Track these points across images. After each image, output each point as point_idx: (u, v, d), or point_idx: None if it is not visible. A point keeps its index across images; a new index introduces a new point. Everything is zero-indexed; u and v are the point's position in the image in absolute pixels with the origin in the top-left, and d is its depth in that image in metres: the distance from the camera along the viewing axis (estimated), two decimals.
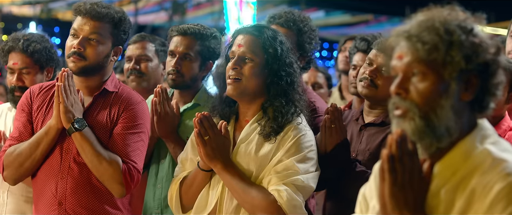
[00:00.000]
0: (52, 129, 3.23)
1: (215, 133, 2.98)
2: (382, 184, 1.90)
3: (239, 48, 3.07)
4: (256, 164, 3.01)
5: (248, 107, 3.13)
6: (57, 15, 20.08)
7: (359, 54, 4.29)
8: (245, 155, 3.03)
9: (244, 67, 3.04)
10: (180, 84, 3.72)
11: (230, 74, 3.06)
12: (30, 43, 3.83)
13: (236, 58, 3.06)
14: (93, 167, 3.20)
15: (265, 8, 16.55)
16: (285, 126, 3.02)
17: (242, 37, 3.09)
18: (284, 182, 2.92)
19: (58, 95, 3.18)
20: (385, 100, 3.34)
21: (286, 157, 2.97)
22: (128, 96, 3.35)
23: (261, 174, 3.00)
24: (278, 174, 2.94)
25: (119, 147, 3.25)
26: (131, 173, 3.22)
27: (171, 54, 3.74)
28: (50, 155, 3.28)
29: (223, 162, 2.98)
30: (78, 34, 3.29)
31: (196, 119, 2.98)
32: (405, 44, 1.93)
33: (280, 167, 2.96)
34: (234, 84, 3.04)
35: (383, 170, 1.89)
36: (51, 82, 3.48)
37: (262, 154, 3.01)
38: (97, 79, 3.36)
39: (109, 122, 3.29)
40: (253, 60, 3.05)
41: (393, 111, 1.96)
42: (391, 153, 1.87)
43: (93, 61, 3.29)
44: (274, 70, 3.05)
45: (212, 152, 2.97)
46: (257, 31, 3.09)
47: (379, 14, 19.28)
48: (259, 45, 3.06)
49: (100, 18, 3.29)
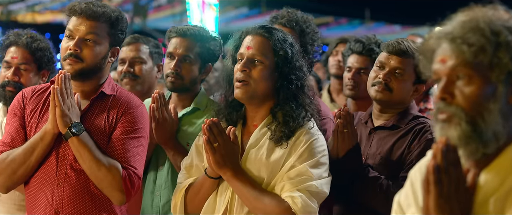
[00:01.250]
0: (47, 134, 3.06)
1: (224, 139, 2.85)
2: (427, 196, 1.80)
3: (248, 50, 2.93)
4: (268, 170, 2.88)
5: (256, 111, 3.00)
6: (16, 17, 19.79)
7: (354, 56, 4.26)
8: (256, 161, 2.90)
9: (253, 70, 2.91)
10: (179, 87, 3.58)
11: (238, 77, 2.92)
12: (34, 41, 3.71)
13: (245, 60, 2.92)
14: (92, 174, 3.04)
15: (226, 10, 16.54)
16: (297, 130, 2.90)
17: (251, 39, 2.95)
18: (298, 188, 2.80)
19: (54, 99, 3.01)
20: (398, 104, 3.30)
21: (299, 163, 2.85)
22: (127, 100, 3.20)
23: (272, 180, 2.88)
24: (292, 180, 2.82)
25: (119, 152, 3.09)
26: (132, 179, 3.07)
27: (170, 56, 3.59)
28: (45, 161, 3.11)
29: (233, 169, 2.85)
30: (73, 35, 3.13)
31: (205, 125, 2.84)
32: (449, 46, 1.83)
33: (293, 173, 2.84)
34: (242, 87, 2.91)
35: (428, 181, 1.79)
36: (44, 85, 3.32)
37: (274, 159, 2.88)
38: (94, 82, 3.20)
39: (108, 126, 3.13)
40: (263, 63, 2.92)
41: (437, 115, 1.85)
42: (437, 164, 1.77)
43: (90, 63, 3.13)
44: (284, 73, 2.93)
45: (222, 159, 2.84)
46: (267, 33, 2.95)
47: (339, 16, 19.36)
48: (269, 47, 2.93)
49: (97, 18, 3.13)
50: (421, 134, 3.20)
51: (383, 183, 3.13)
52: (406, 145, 3.21)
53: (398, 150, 3.22)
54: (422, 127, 3.22)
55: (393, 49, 3.28)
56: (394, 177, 3.16)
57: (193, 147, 3.12)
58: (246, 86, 2.90)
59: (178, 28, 3.60)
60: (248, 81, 2.90)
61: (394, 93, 3.27)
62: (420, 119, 3.29)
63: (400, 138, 3.25)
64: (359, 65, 4.25)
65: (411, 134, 3.22)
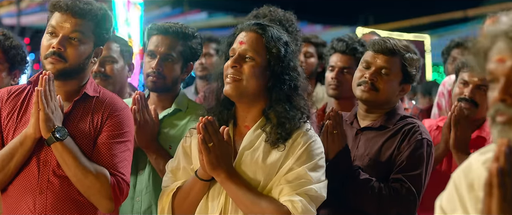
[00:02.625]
0: (28, 138, 2.89)
1: (219, 139, 2.74)
2: (489, 199, 1.75)
3: (240, 46, 2.83)
4: (264, 173, 2.78)
5: (247, 111, 2.89)
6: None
7: (337, 55, 4.21)
8: (252, 163, 2.79)
9: (244, 66, 2.81)
10: (161, 87, 3.46)
11: (229, 73, 2.81)
12: (8, 38, 3.52)
13: (236, 56, 2.82)
14: (77, 181, 2.89)
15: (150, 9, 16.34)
16: (293, 132, 2.81)
17: (245, 35, 2.85)
18: (297, 192, 2.71)
19: (37, 101, 2.85)
20: (385, 104, 3.29)
21: (297, 165, 2.76)
22: (111, 102, 3.06)
23: (269, 183, 2.78)
24: (290, 183, 2.73)
25: (105, 157, 2.95)
26: (120, 186, 2.94)
27: (151, 55, 3.47)
28: (25, 168, 2.94)
29: (227, 171, 2.74)
30: (57, 32, 2.97)
31: (200, 123, 2.72)
32: (506, 45, 1.79)
33: (292, 176, 2.74)
34: (233, 83, 2.80)
35: (490, 184, 1.74)
36: (21, 86, 3.13)
37: (270, 162, 2.78)
38: (75, 83, 3.05)
39: (93, 130, 2.98)
40: (254, 59, 2.81)
41: (495, 117, 1.81)
42: (500, 166, 1.73)
43: (74, 63, 2.98)
44: (276, 73, 2.83)
45: (216, 160, 2.72)
46: (261, 29, 2.86)
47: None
48: (262, 44, 2.83)
49: (83, 15, 2.98)
50: (411, 134, 3.18)
51: (374, 185, 3.10)
52: (395, 145, 3.19)
53: (387, 150, 3.20)
54: (411, 127, 3.21)
55: (379, 48, 3.26)
56: (383, 178, 3.14)
57: (180, 148, 2.98)
58: (236, 83, 2.79)
59: (160, 26, 3.47)
60: (239, 78, 2.80)
61: (380, 93, 3.24)
62: (408, 119, 3.28)
63: (389, 138, 3.23)
64: (342, 65, 4.20)
65: (400, 134, 3.20)
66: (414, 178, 3.10)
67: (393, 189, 3.09)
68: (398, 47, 3.24)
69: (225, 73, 2.84)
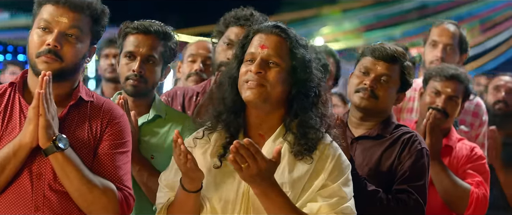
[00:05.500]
0: (23, 147, 2.49)
1: (255, 160, 2.41)
2: None
3: (262, 50, 2.60)
4: (291, 186, 2.57)
5: (263, 119, 2.65)
6: None
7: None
8: (277, 176, 2.55)
9: (268, 72, 2.58)
10: (142, 92, 3.15)
11: (250, 78, 2.57)
12: None
13: (260, 61, 2.59)
14: (80, 196, 2.53)
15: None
16: (318, 143, 2.63)
17: (266, 38, 2.62)
18: (335, 211, 2.54)
19: (38, 106, 2.46)
20: (382, 112, 3.21)
21: (331, 181, 2.57)
22: (109, 107, 2.71)
23: (297, 197, 2.57)
24: (328, 201, 2.54)
25: (109, 170, 2.61)
26: (128, 202, 2.62)
27: (129, 56, 3.14)
28: (15, 181, 2.54)
29: (269, 185, 2.47)
30: (51, 27, 2.58)
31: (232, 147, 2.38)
32: None
33: (326, 193, 2.56)
34: (256, 89, 2.56)
35: None
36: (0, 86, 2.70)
37: (298, 175, 2.58)
38: (68, 85, 2.67)
39: (92, 138, 2.63)
40: (279, 65, 2.60)
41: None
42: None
43: (70, 63, 2.61)
44: (301, 79, 2.63)
45: (251, 178, 2.44)
46: (284, 33, 2.64)
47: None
48: (286, 48, 2.62)
49: (81, 10, 2.61)
50: (410, 144, 3.13)
51: (382, 196, 3.00)
52: (395, 155, 3.12)
53: (387, 160, 3.13)
54: (409, 136, 3.15)
55: (380, 55, 3.17)
56: (386, 189, 3.06)
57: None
58: (260, 89, 2.56)
59: (139, 24, 3.15)
60: (263, 84, 2.58)
61: (379, 101, 3.16)
62: (402, 128, 3.23)
63: (388, 148, 3.15)
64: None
65: (399, 144, 3.14)
66: (419, 188, 3.05)
67: (400, 200, 3.01)
68: (398, 54, 3.17)
69: (244, 78, 2.60)
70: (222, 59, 3.39)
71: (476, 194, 3.52)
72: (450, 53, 4.26)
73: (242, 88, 2.60)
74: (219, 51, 3.44)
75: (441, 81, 3.67)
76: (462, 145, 3.72)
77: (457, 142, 3.73)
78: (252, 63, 2.60)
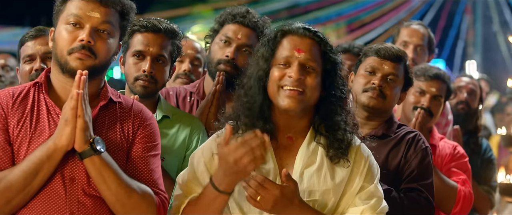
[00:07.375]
0: (58, 151, 2.36)
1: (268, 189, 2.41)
2: None
3: (299, 54, 2.53)
4: (335, 192, 2.55)
5: (293, 122, 2.60)
6: None
7: None
8: (320, 183, 2.54)
9: (307, 77, 2.53)
10: (152, 92, 3.04)
11: (290, 84, 2.51)
12: None
13: (299, 66, 2.53)
14: (117, 202, 2.42)
15: None
16: (350, 146, 2.62)
17: (300, 41, 2.56)
18: (377, 212, 2.57)
19: (77, 107, 2.34)
20: (387, 111, 3.24)
21: (368, 182, 2.59)
22: (139, 109, 2.61)
23: (339, 203, 2.57)
24: (368, 202, 2.56)
25: (144, 173, 2.52)
26: (165, 206, 2.54)
27: (138, 55, 3.02)
28: (47, 186, 2.40)
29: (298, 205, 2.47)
30: (82, 23, 2.46)
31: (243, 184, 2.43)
32: None
33: (365, 195, 2.57)
34: (298, 97, 2.51)
35: None
36: (21, 87, 2.54)
37: (339, 180, 2.56)
38: (97, 84, 2.55)
39: (125, 141, 2.52)
40: (315, 70, 2.55)
41: None
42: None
43: (103, 60, 2.50)
44: (333, 83, 2.60)
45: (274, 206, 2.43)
46: (316, 36, 2.59)
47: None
48: (320, 52, 2.58)
49: (113, 4, 2.51)
50: (415, 143, 3.19)
51: (395, 195, 3.05)
52: (401, 154, 3.17)
53: (394, 160, 3.17)
54: (414, 136, 3.22)
55: (386, 54, 3.21)
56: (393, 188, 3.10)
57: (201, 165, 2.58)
58: (301, 96, 2.52)
59: (147, 22, 3.04)
60: (303, 90, 2.53)
61: (387, 100, 3.21)
62: (404, 127, 3.29)
63: (394, 147, 3.20)
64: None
65: (404, 143, 3.19)
66: (428, 186, 3.12)
67: (411, 198, 3.06)
68: (402, 54, 3.24)
69: (279, 83, 2.54)
70: (220, 57, 3.32)
71: (463, 192, 3.63)
72: (420, 54, 4.37)
73: (277, 94, 2.54)
74: (216, 49, 3.36)
75: (426, 81, 3.75)
76: (444, 143, 3.83)
77: (439, 141, 3.83)
78: (286, 67, 2.54)
